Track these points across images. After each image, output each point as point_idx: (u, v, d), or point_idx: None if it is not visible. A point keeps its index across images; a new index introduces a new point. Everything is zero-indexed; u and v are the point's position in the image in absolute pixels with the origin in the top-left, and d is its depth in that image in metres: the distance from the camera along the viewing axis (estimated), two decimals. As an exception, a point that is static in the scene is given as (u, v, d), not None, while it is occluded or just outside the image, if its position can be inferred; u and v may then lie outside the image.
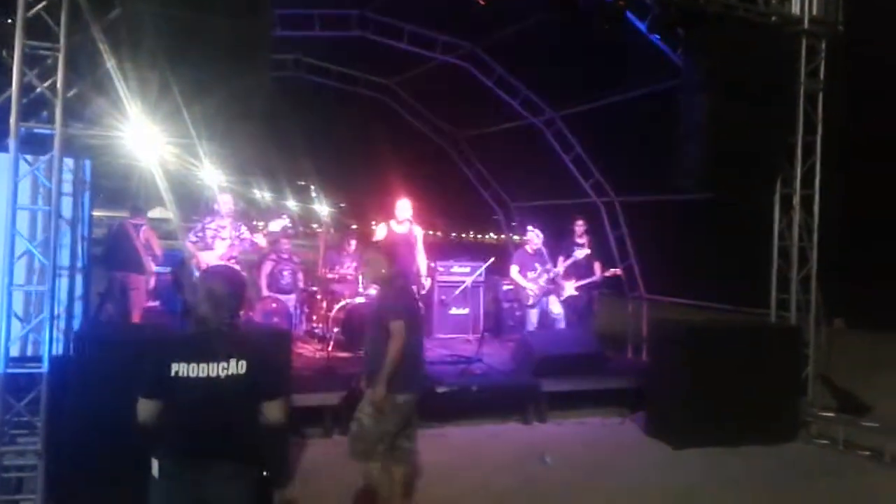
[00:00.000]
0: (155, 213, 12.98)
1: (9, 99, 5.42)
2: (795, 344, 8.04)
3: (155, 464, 3.27)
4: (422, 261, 8.92)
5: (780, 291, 8.33)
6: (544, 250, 9.81)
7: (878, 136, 14.00)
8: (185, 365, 3.22)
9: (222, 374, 3.25)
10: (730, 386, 7.44)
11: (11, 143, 5.30)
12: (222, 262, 8.07)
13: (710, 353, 7.55)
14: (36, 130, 5.47)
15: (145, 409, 3.27)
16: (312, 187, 19.90)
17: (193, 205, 12.40)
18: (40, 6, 5.35)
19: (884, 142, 14.19)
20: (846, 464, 7.24)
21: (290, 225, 9.05)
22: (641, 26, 7.55)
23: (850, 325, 15.54)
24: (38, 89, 5.42)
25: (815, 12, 7.96)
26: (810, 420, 7.93)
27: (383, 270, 5.04)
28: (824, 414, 7.94)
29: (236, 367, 3.28)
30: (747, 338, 7.92)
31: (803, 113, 8.14)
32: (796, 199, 8.21)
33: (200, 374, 3.23)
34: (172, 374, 3.21)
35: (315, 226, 18.65)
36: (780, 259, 8.31)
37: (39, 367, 5.39)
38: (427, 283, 9.20)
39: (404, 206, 8.88)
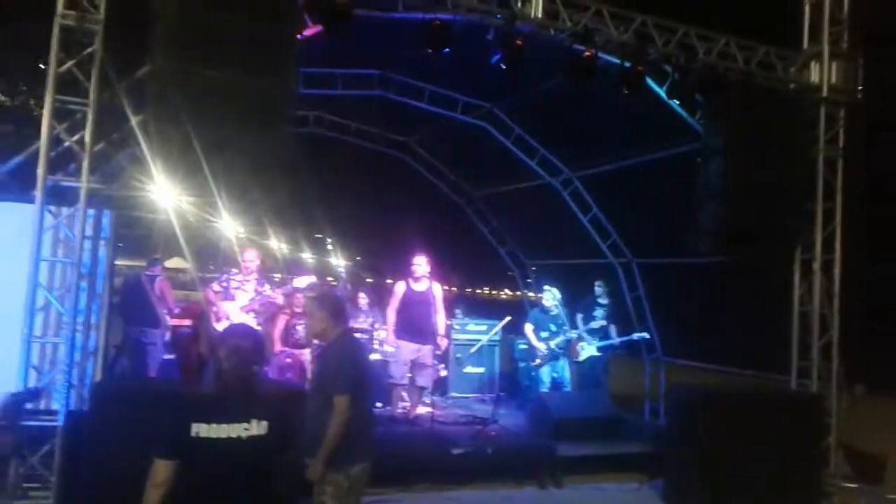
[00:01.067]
0: (172, 262, 13.07)
1: (33, 152, 5.53)
2: (817, 412, 7.88)
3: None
4: (441, 319, 8.84)
5: (800, 358, 8.21)
6: (561, 311, 9.74)
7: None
8: (207, 426, 3.15)
9: (244, 434, 3.18)
10: (750, 455, 7.26)
11: (38, 195, 5.38)
12: (241, 315, 8.14)
13: (730, 421, 7.38)
14: (63, 183, 5.54)
15: (163, 469, 3.17)
16: (329, 240, 19.95)
17: (212, 256, 12.47)
18: (72, 62, 5.49)
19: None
20: (870, 538, 7.06)
21: (315, 283, 9.06)
22: (661, 92, 7.62)
23: (872, 390, 15.25)
24: (66, 143, 5.52)
25: (833, 80, 8.03)
26: (833, 491, 7.75)
27: (324, 327, 4.52)
28: (847, 485, 7.77)
29: (258, 427, 3.21)
30: (768, 405, 7.77)
31: (823, 179, 8.14)
32: (817, 265, 8.16)
33: (221, 436, 3.16)
34: (193, 434, 3.14)
35: (330, 279, 18.62)
36: (801, 325, 8.22)
37: (54, 421, 5.37)
38: (444, 343, 9.13)
39: (421, 263, 8.86)
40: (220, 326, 8.16)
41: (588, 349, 9.88)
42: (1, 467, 5.40)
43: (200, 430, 3.15)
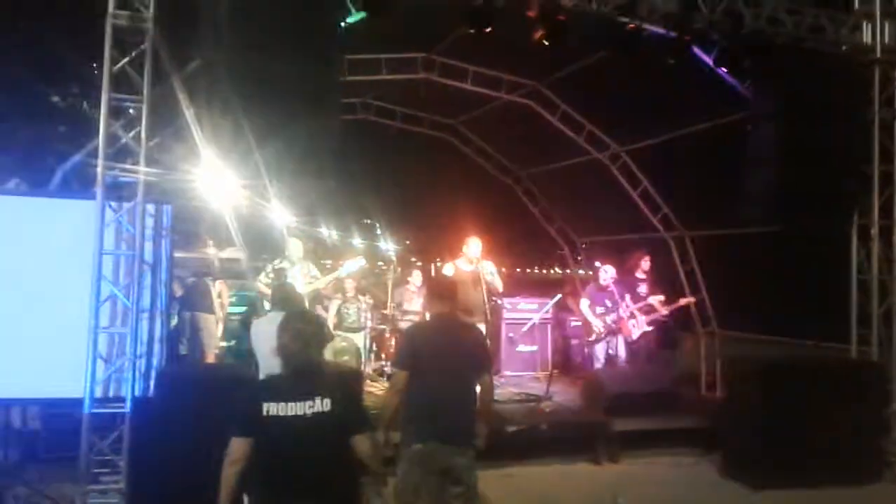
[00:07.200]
0: (226, 253, 13.31)
1: (93, 149, 5.71)
2: (878, 380, 7.75)
3: (245, 500, 3.39)
4: (485, 298, 8.74)
5: (860, 326, 8.06)
6: (615, 288, 9.69)
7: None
8: (275, 404, 3.35)
9: (309, 412, 3.37)
10: (810, 424, 7.19)
11: (98, 191, 5.56)
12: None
13: (789, 391, 7.31)
14: (120, 178, 5.72)
15: (239, 447, 3.38)
16: (378, 225, 20.13)
17: (263, 245, 12.67)
18: (125, 61, 5.64)
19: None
20: (936, 507, 6.94)
21: (365, 265, 9.14)
22: (708, 60, 7.49)
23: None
24: (123, 139, 5.69)
25: (887, 40, 7.80)
26: (895, 460, 7.62)
27: (426, 305, 4.81)
28: (912, 453, 7.64)
29: (321, 404, 3.40)
30: (827, 374, 7.65)
31: (878, 142, 7.94)
32: (875, 231, 7.98)
33: (290, 413, 3.35)
34: (265, 413, 3.34)
35: (381, 263, 18.81)
36: (860, 292, 8.06)
37: (122, 407, 5.58)
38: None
39: (471, 245, 8.78)
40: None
41: (640, 325, 9.82)
42: (73, 453, 5.63)
43: (271, 408, 3.35)
